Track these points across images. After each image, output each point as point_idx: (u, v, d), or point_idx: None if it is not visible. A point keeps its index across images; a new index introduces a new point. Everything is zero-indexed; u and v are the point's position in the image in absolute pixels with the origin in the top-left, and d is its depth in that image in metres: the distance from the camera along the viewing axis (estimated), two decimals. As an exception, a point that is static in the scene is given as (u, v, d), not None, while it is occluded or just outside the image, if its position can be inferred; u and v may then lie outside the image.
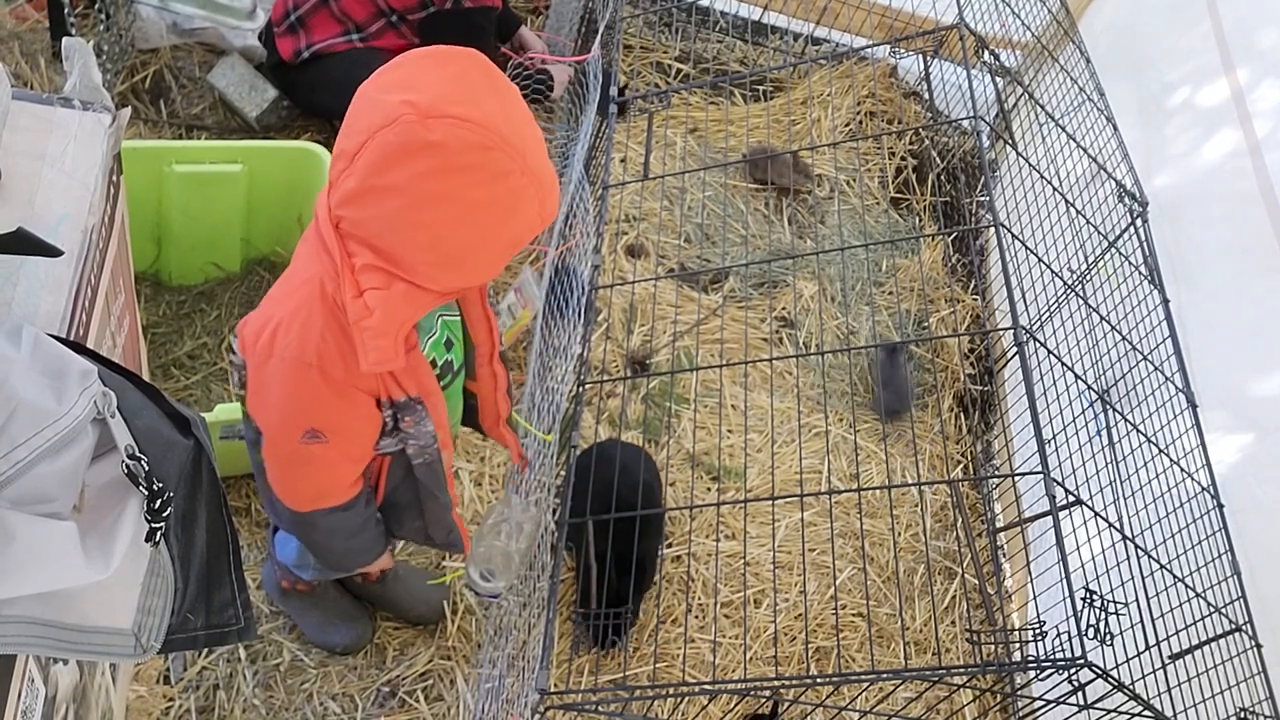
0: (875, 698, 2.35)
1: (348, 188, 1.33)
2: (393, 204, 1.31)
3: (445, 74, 1.31)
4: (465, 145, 1.26)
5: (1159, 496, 2.13)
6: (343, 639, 2.33)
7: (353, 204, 1.34)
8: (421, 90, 1.28)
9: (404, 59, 1.35)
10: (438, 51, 1.35)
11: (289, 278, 1.52)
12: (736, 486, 2.71)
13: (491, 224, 1.34)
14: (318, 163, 2.63)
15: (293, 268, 1.53)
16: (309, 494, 1.67)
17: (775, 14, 3.85)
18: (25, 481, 0.97)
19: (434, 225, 1.32)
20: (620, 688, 1.97)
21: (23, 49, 3.02)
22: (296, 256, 1.54)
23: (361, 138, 1.30)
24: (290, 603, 2.33)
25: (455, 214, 1.31)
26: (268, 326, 1.47)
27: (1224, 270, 2.55)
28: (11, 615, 1.01)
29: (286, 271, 1.54)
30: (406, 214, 1.31)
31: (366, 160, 1.29)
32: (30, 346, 1.03)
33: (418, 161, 1.27)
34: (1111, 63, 3.14)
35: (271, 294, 1.54)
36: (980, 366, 3.25)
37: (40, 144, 1.42)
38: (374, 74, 1.36)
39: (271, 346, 1.46)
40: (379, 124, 1.27)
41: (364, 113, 1.32)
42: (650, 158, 2.50)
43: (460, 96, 1.28)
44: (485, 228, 1.34)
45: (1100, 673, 1.58)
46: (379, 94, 1.31)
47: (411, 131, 1.26)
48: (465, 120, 1.26)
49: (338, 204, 1.36)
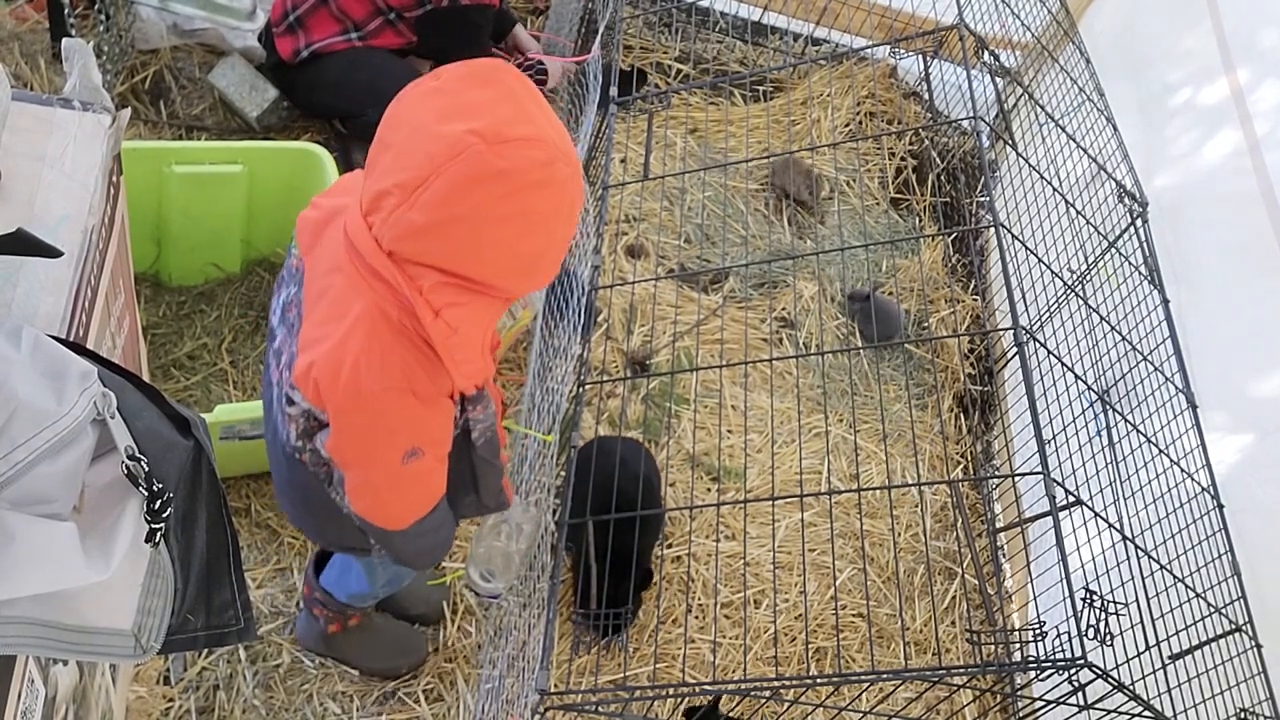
0: (875, 698, 2.35)
1: (411, 221, 1.29)
2: (464, 231, 1.30)
3: (493, 95, 1.30)
4: (532, 164, 1.28)
5: (1159, 497, 2.13)
6: (408, 658, 2.34)
7: (418, 237, 1.31)
8: (479, 116, 1.27)
9: (442, 84, 1.33)
10: (474, 72, 1.34)
11: (335, 317, 1.45)
12: (736, 487, 2.71)
13: (557, 227, 1.37)
14: (318, 163, 2.63)
15: (330, 307, 1.46)
16: (413, 509, 1.64)
17: (775, 14, 3.85)
18: (25, 482, 0.97)
19: (507, 242, 1.33)
20: (620, 688, 1.97)
21: (23, 50, 3.02)
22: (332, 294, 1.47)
23: (424, 171, 1.27)
24: (340, 643, 2.29)
25: (526, 227, 1.32)
26: (342, 369, 1.43)
27: (1224, 270, 2.55)
28: (11, 616, 1.01)
29: (322, 310, 1.47)
30: (478, 237, 1.31)
31: (435, 194, 1.27)
32: (30, 347, 1.03)
33: (490, 188, 1.27)
34: (1111, 63, 3.14)
35: (314, 336, 1.47)
36: (980, 367, 3.25)
37: (40, 145, 1.42)
38: (410, 101, 1.34)
39: (357, 384, 1.43)
40: (445, 157, 1.26)
41: (420, 145, 1.28)
42: (650, 158, 2.50)
43: (516, 116, 1.29)
44: (552, 231, 1.37)
45: (1100, 673, 1.58)
46: (435, 125, 1.28)
47: (483, 161, 1.25)
48: (529, 140, 1.28)
49: (397, 238, 1.32)
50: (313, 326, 1.47)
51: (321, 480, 1.65)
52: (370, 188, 1.34)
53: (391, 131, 1.34)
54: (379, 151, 1.34)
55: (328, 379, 1.45)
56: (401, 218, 1.29)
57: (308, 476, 1.65)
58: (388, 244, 1.34)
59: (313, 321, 1.47)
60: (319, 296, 1.48)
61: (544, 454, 2.06)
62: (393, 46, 3.06)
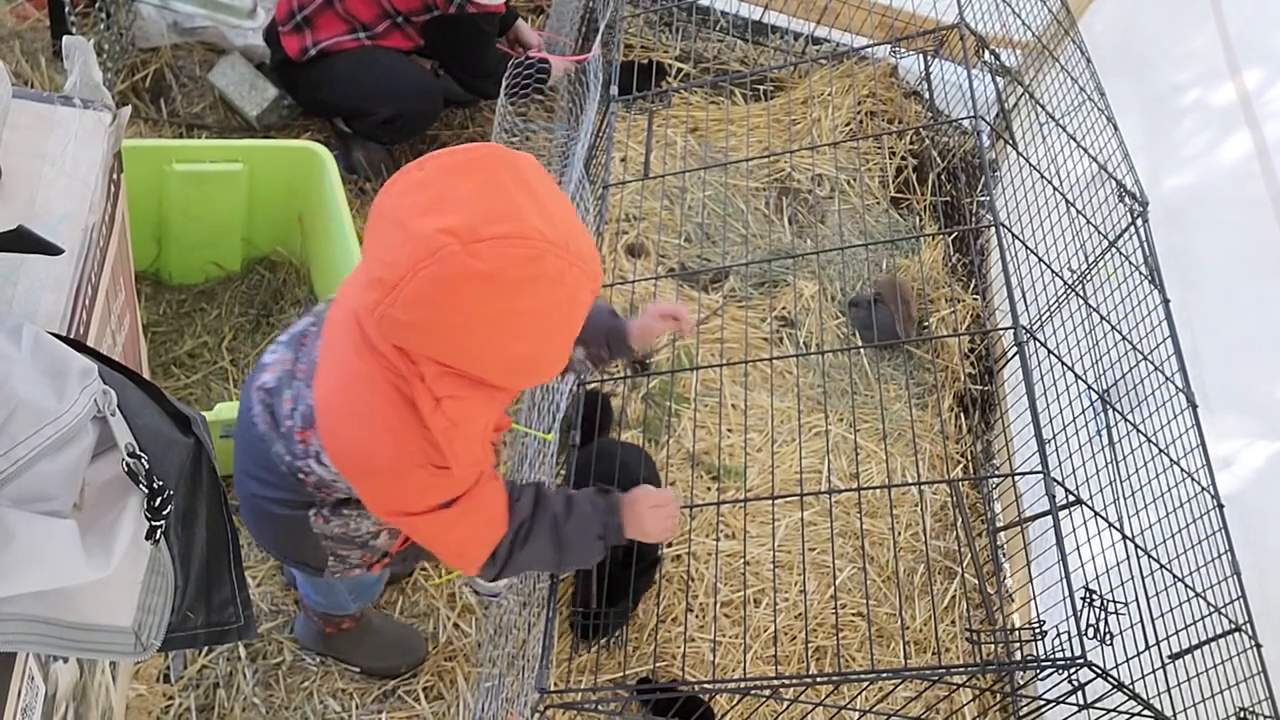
0: (875, 697, 2.35)
1: (396, 318, 1.25)
2: (451, 331, 1.26)
3: (473, 185, 1.24)
4: (515, 262, 1.21)
5: (1159, 496, 2.13)
6: (408, 657, 2.34)
7: (407, 333, 1.28)
8: (456, 212, 1.21)
9: (426, 175, 1.27)
10: (459, 160, 1.28)
11: (333, 371, 1.43)
12: (736, 486, 2.71)
13: (554, 324, 1.31)
14: (319, 162, 2.63)
15: (329, 356, 1.45)
16: (479, 544, 1.59)
17: (775, 13, 3.85)
18: (26, 479, 0.97)
19: (498, 342, 1.28)
20: (620, 687, 1.97)
21: (23, 47, 3.03)
22: (328, 342, 1.46)
23: (401, 270, 1.22)
24: (338, 644, 2.29)
25: (518, 327, 1.27)
26: (357, 451, 1.42)
27: (1233, 273, 2.55)
28: (12, 613, 1.01)
29: (336, 375, 1.45)
30: (468, 337, 1.27)
31: (412, 294, 1.22)
32: (31, 345, 1.03)
33: (470, 290, 1.21)
34: (1112, 62, 3.14)
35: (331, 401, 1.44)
36: (980, 366, 3.25)
37: (41, 143, 1.42)
38: (395, 191, 1.28)
39: (372, 464, 1.42)
40: (419, 257, 1.20)
41: (398, 242, 1.23)
42: (650, 157, 2.50)
43: (497, 211, 1.22)
44: (548, 330, 1.31)
45: (1100, 672, 1.58)
46: (411, 220, 1.22)
47: (458, 263, 1.19)
48: (510, 238, 1.21)
49: (389, 333, 1.30)
50: (328, 390, 1.45)
51: (315, 502, 1.62)
52: (361, 276, 1.31)
53: (377, 220, 1.28)
54: (369, 238, 1.29)
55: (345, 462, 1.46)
56: (387, 313, 1.25)
57: (290, 492, 1.62)
58: (387, 337, 1.32)
59: (327, 384, 1.45)
60: (331, 351, 1.46)
61: (544, 453, 2.06)
62: (402, 48, 3.06)
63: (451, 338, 1.27)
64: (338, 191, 2.56)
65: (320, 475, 1.55)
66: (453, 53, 3.16)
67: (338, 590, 2.07)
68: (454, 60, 3.20)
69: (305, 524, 1.66)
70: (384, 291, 1.24)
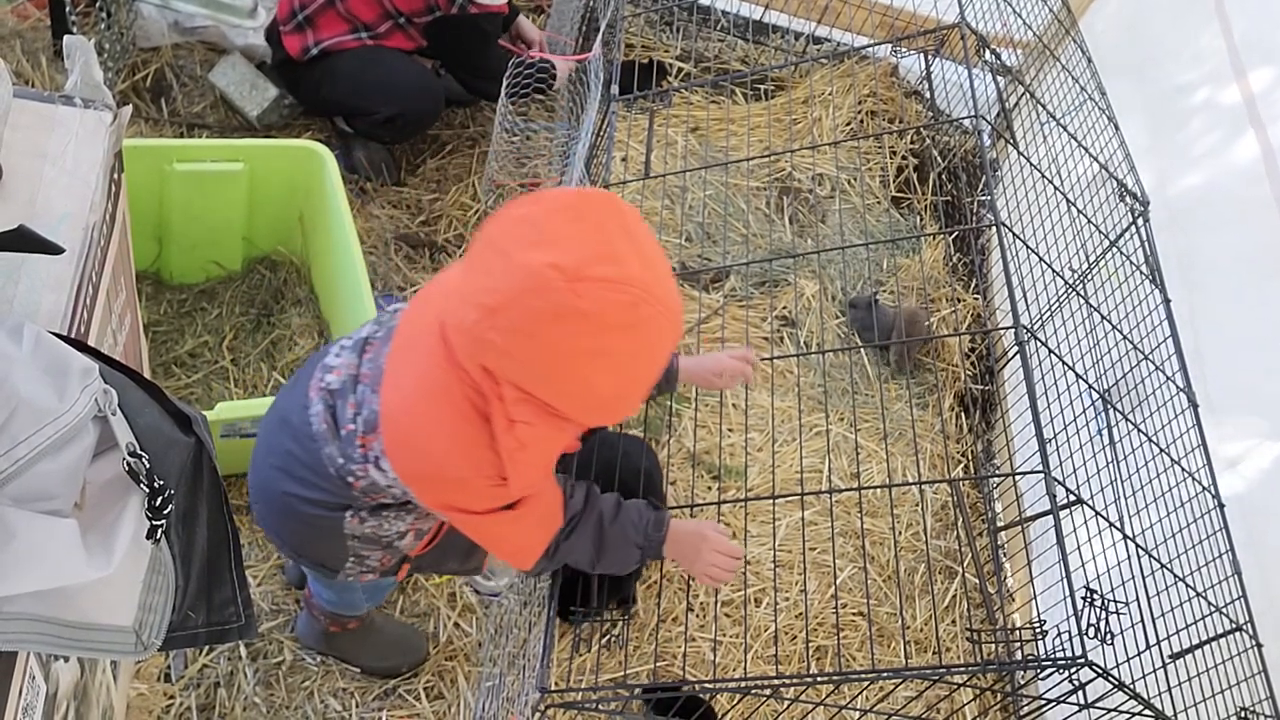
0: (875, 696, 2.35)
1: (491, 341, 1.31)
2: (540, 362, 1.31)
3: (584, 229, 1.29)
4: (615, 306, 1.27)
5: (1160, 496, 2.13)
6: (409, 657, 2.34)
7: (497, 357, 1.33)
8: (564, 251, 1.26)
9: (536, 210, 1.32)
10: (571, 201, 1.34)
11: (407, 380, 1.47)
12: (737, 485, 2.71)
13: (640, 368, 1.37)
14: (319, 161, 2.63)
15: (402, 365, 1.48)
16: (539, 537, 1.64)
17: (776, 13, 3.84)
18: (26, 479, 0.97)
19: (585, 379, 1.33)
20: (621, 686, 1.97)
21: (24, 47, 3.03)
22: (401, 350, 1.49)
23: (502, 297, 1.27)
24: (341, 643, 2.29)
25: (606, 366, 1.32)
26: (426, 459, 1.46)
27: (1238, 274, 2.55)
28: (13, 612, 1.01)
29: (392, 366, 1.49)
30: (557, 371, 1.31)
31: (510, 321, 1.28)
32: (32, 344, 1.04)
33: (567, 326, 1.27)
34: (1115, 62, 3.14)
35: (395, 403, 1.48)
36: (981, 366, 3.25)
37: (41, 142, 1.42)
38: (504, 222, 1.33)
39: (441, 473, 1.47)
40: (523, 287, 1.26)
41: (501, 270, 1.28)
42: (651, 156, 2.49)
43: (603, 254, 1.27)
44: (634, 373, 1.36)
45: (1101, 672, 1.58)
46: (517, 251, 1.28)
47: (561, 299, 1.25)
48: (612, 281, 1.26)
49: (480, 353, 1.34)
50: (400, 397, 1.47)
51: (355, 505, 1.65)
52: (459, 297, 1.35)
53: (484, 247, 1.34)
54: (470, 264, 1.35)
55: (409, 473, 1.49)
56: (482, 336, 1.31)
57: (331, 494, 1.64)
58: (473, 356, 1.36)
59: (399, 392, 1.48)
60: (405, 360, 1.49)
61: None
62: (404, 49, 3.06)
63: (539, 368, 1.32)
64: (338, 191, 2.56)
65: (374, 480, 1.56)
66: (455, 53, 3.16)
67: (353, 591, 2.08)
68: (456, 61, 3.20)
69: (338, 525, 1.68)
70: (483, 314, 1.29)
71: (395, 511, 1.69)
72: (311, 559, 1.82)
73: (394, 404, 1.49)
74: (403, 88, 3.05)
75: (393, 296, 2.98)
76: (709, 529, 1.80)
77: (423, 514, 1.74)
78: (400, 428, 1.48)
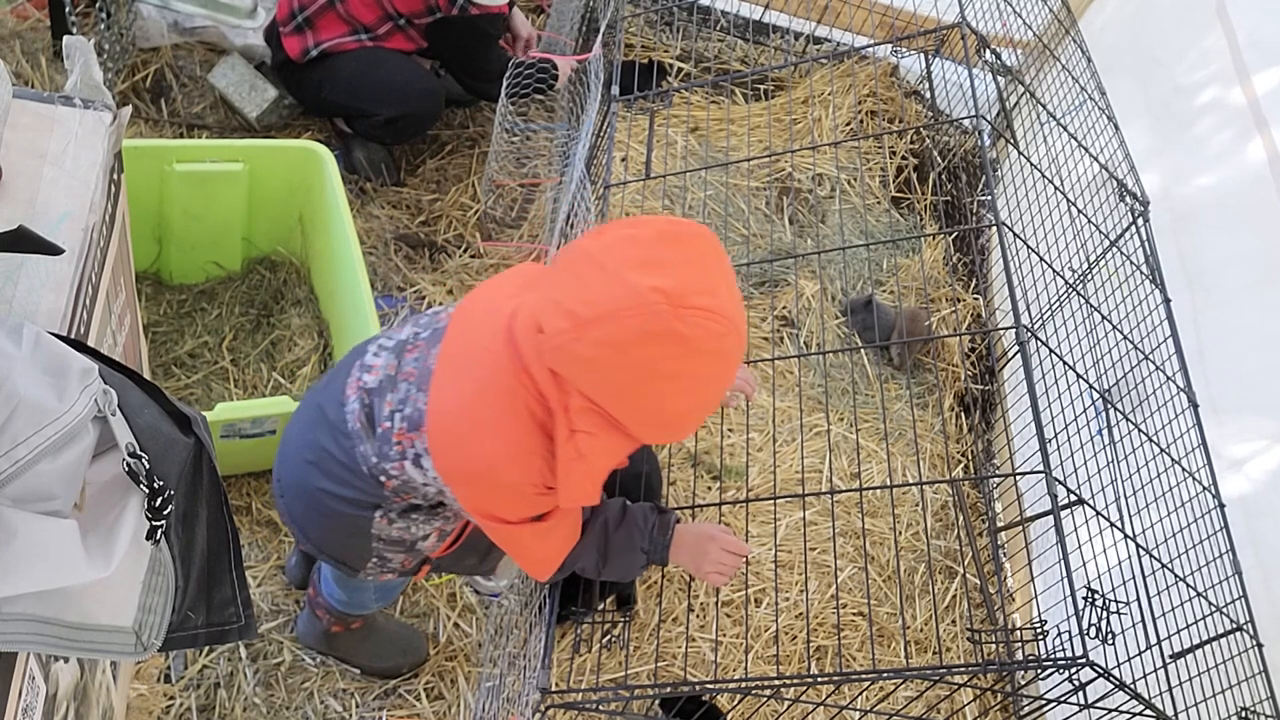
0: (876, 696, 2.35)
1: (577, 352, 1.34)
2: (625, 376, 1.35)
3: (686, 257, 1.35)
4: (709, 334, 1.32)
5: (1160, 496, 2.13)
6: (409, 657, 2.34)
7: (577, 366, 1.35)
8: (668, 276, 1.31)
9: (638, 234, 1.37)
10: (674, 230, 1.38)
11: (462, 381, 1.49)
12: (738, 486, 2.71)
13: (713, 392, 1.42)
14: (319, 162, 2.63)
15: (457, 365, 1.50)
16: (561, 549, 1.66)
17: (776, 13, 3.84)
18: (26, 479, 0.97)
19: (661, 397, 1.37)
20: (621, 687, 1.97)
21: (24, 47, 3.02)
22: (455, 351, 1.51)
23: (598, 310, 1.31)
24: (341, 643, 2.29)
25: (684, 388, 1.37)
26: (476, 460, 1.48)
27: (1243, 275, 2.55)
28: (13, 613, 1.01)
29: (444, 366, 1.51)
30: (637, 386, 1.36)
31: (605, 335, 1.31)
32: (31, 344, 1.03)
33: (662, 347, 1.31)
34: (1118, 62, 3.14)
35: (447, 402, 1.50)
36: (981, 366, 3.25)
37: (41, 142, 1.42)
38: (604, 240, 1.37)
39: (489, 475, 1.49)
40: (625, 305, 1.30)
41: (599, 284, 1.33)
42: (651, 157, 2.49)
43: (704, 285, 1.33)
44: (707, 395, 1.42)
45: (1101, 672, 1.58)
46: (620, 269, 1.32)
47: (663, 321, 1.30)
48: (711, 311, 1.32)
49: (556, 360, 1.37)
50: (453, 397, 1.49)
51: (385, 505, 1.66)
52: (545, 304, 1.38)
53: (579, 260, 1.37)
54: (561, 274, 1.38)
55: (456, 473, 1.51)
56: (569, 345, 1.34)
57: (363, 493, 1.65)
58: (548, 362, 1.38)
59: (453, 392, 1.49)
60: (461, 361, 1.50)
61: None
62: (405, 50, 3.06)
63: (619, 382, 1.35)
64: (338, 191, 2.56)
65: (409, 478, 1.58)
66: (456, 54, 3.16)
67: (365, 591, 2.08)
68: (457, 62, 3.19)
69: (366, 524, 1.70)
70: (574, 324, 1.33)
71: (424, 515, 1.71)
72: (334, 556, 1.83)
73: (447, 403, 1.50)
74: (403, 89, 3.05)
75: (392, 297, 2.98)
76: (714, 529, 1.82)
77: (450, 517, 1.76)
78: (452, 426, 1.50)
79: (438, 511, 1.72)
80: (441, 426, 1.50)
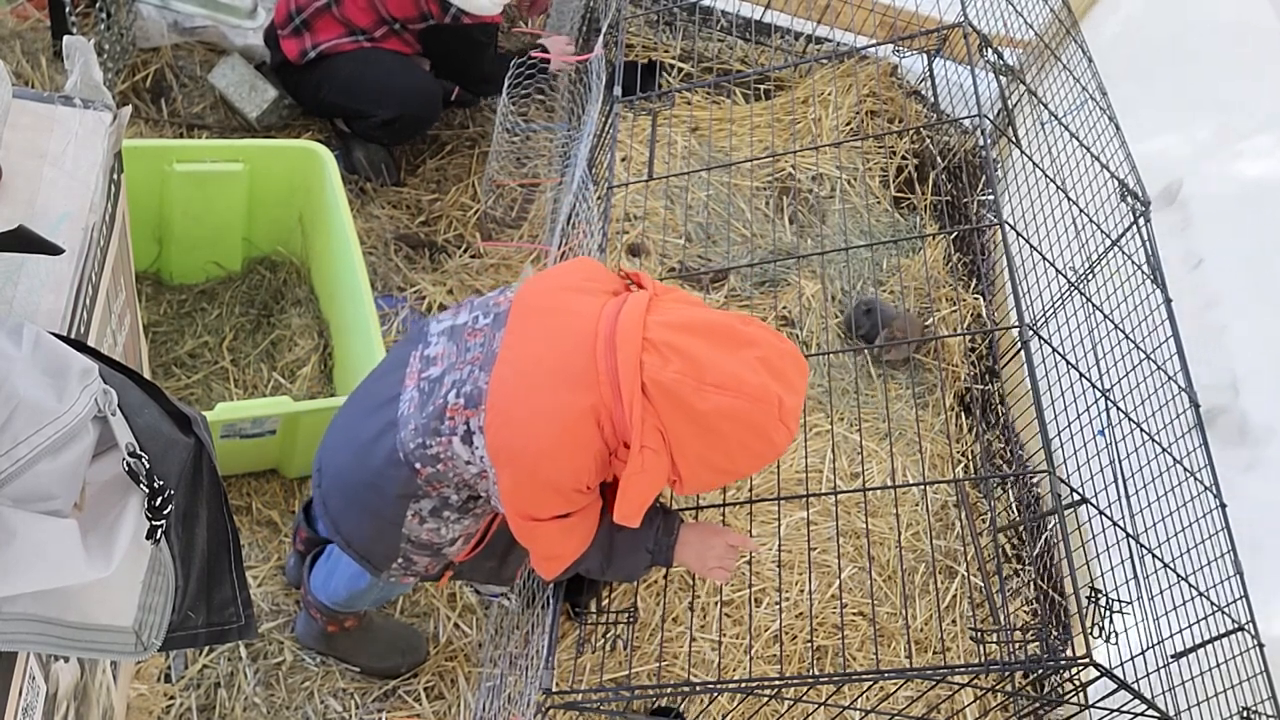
0: (877, 696, 2.35)
1: (684, 398, 1.48)
2: (707, 436, 1.51)
3: (795, 371, 1.56)
4: (786, 437, 1.54)
5: (1162, 495, 2.13)
6: (409, 657, 2.34)
7: (676, 406, 1.49)
8: (786, 388, 1.52)
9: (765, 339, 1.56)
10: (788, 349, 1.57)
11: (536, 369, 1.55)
12: (740, 486, 2.71)
13: (765, 460, 1.59)
14: (319, 162, 2.63)
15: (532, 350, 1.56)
16: (576, 549, 1.70)
17: (777, 13, 3.84)
18: (26, 479, 0.97)
19: (725, 461, 1.55)
20: (623, 687, 1.97)
21: (24, 47, 3.02)
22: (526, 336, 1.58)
23: (726, 383, 1.48)
24: (340, 643, 2.29)
25: (746, 459, 1.56)
26: (529, 446, 1.54)
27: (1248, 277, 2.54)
28: (12, 613, 1.01)
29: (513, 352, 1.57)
30: (711, 449, 1.52)
31: (717, 407, 1.48)
32: (31, 344, 1.03)
33: (754, 437, 1.52)
34: (1119, 62, 3.13)
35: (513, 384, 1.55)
36: (982, 365, 3.25)
37: (41, 142, 1.42)
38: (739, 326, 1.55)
39: (538, 463, 1.55)
40: (749, 392, 1.49)
41: (733, 366, 1.50)
42: (654, 157, 2.49)
43: (794, 388, 1.54)
44: (760, 462, 1.58)
45: (1103, 671, 1.58)
46: (753, 358, 1.51)
47: (769, 421, 1.51)
48: (795, 420, 1.54)
49: (664, 391, 1.49)
50: (523, 381, 1.55)
51: (417, 497, 1.69)
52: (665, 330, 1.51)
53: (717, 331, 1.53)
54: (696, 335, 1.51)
55: (504, 451, 1.56)
56: (680, 383, 1.48)
57: (401, 484, 1.68)
58: (654, 384, 1.49)
59: (522, 377, 1.56)
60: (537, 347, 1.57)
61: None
62: (403, 51, 3.05)
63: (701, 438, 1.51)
64: (338, 191, 2.56)
65: (453, 455, 1.61)
66: (450, 62, 3.16)
67: (364, 593, 2.07)
68: (451, 69, 3.18)
69: (398, 521, 1.73)
70: (693, 372, 1.49)
71: (455, 513, 1.73)
72: (360, 551, 1.84)
73: (510, 384, 1.55)
74: (401, 90, 3.04)
75: (392, 297, 2.98)
76: (716, 527, 1.86)
77: (479, 514, 1.78)
78: (513, 409, 1.55)
79: (469, 508, 1.74)
80: (503, 406, 1.55)
